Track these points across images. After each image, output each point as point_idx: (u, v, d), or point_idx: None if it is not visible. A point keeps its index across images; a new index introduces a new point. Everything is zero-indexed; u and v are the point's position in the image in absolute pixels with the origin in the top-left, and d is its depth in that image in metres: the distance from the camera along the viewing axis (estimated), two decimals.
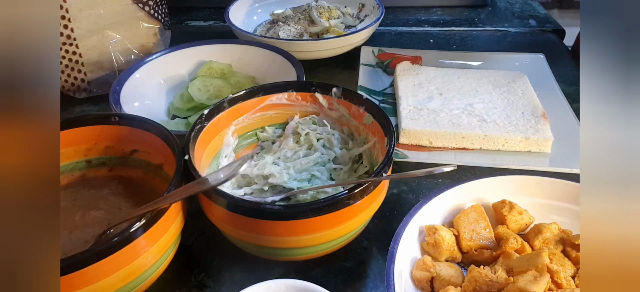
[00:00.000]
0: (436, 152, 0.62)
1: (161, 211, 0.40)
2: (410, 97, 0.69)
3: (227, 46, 0.77)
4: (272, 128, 0.58)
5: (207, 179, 0.41)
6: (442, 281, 0.44)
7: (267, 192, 0.52)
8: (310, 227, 0.41)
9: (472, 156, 0.62)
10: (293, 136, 0.56)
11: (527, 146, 0.62)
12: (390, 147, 0.46)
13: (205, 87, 0.69)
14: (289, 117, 0.58)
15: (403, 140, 0.64)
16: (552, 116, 0.66)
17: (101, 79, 0.76)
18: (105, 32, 0.74)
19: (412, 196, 0.57)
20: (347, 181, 0.52)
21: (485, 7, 1.09)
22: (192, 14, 1.09)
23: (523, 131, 0.62)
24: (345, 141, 0.56)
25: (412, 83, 0.72)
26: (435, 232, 0.46)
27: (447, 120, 0.64)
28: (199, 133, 0.49)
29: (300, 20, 0.89)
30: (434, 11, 1.08)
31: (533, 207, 0.50)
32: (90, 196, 0.51)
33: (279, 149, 0.56)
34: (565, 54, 0.89)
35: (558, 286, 0.41)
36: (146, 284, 0.42)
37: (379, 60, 0.84)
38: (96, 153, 0.52)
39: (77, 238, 0.46)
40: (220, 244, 0.50)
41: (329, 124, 0.57)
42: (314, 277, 0.47)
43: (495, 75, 0.74)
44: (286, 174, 0.52)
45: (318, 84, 0.56)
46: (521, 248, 0.45)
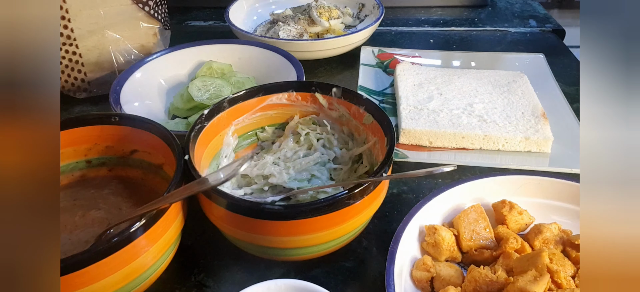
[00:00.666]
0: (436, 152, 0.62)
1: (161, 211, 0.40)
2: (410, 97, 0.69)
3: (227, 46, 0.77)
4: (272, 128, 0.58)
5: (207, 179, 0.41)
6: (442, 281, 0.44)
7: (267, 192, 0.52)
8: (310, 227, 0.41)
9: (472, 156, 0.62)
10: (293, 136, 0.56)
11: (527, 146, 0.62)
12: (390, 147, 0.46)
13: (205, 87, 0.69)
14: (289, 117, 0.58)
15: (403, 140, 0.64)
16: (552, 116, 0.66)
17: (101, 79, 0.76)
18: (105, 32, 0.74)
19: (412, 196, 0.57)
20: (347, 181, 0.52)
21: (485, 7, 1.09)
22: (192, 14, 1.09)
23: (523, 131, 0.62)
24: (345, 141, 0.56)
25: (412, 83, 0.72)
26: (435, 232, 0.46)
27: (447, 121, 0.64)
28: (199, 133, 0.49)
29: (300, 20, 0.89)
30: (434, 11, 1.08)
31: (533, 207, 0.50)
32: (90, 196, 0.51)
33: (279, 149, 0.56)
34: (565, 54, 0.89)
35: (558, 286, 0.41)
36: (146, 284, 0.42)
37: (379, 61, 0.84)
38: (96, 153, 0.52)
39: (77, 238, 0.46)
40: (220, 244, 0.50)
41: (329, 124, 0.57)
42: (314, 277, 0.47)
43: (495, 75, 0.74)
44: (286, 174, 0.52)
45: (318, 84, 0.56)
46: (521, 248, 0.45)
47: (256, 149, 0.58)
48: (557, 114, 0.67)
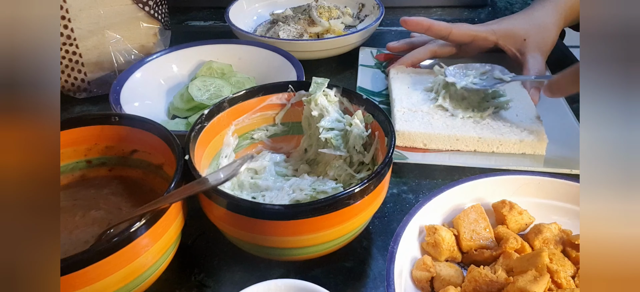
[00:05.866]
0: (430, 154, 0.62)
1: (161, 211, 0.40)
2: (404, 99, 0.68)
3: (227, 46, 0.77)
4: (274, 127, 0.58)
5: (207, 179, 0.41)
6: (442, 281, 0.44)
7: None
8: (310, 227, 0.41)
9: (466, 158, 0.61)
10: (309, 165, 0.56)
11: (522, 148, 0.61)
12: (390, 147, 0.46)
13: (205, 87, 0.69)
14: (290, 118, 0.58)
15: (397, 142, 0.63)
16: (550, 116, 0.66)
17: (101, 79, 0.76)
18: (105, 32, 0.74)
19: (412, 196, 0.57)
20: (347, 181, 0.52)
21: (485, 7, 1.09)
22: (192, 14, 1.09)
23: (517, 133, 0.62)
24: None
25: (406, 85, 0.72)
26: (435, 232, 0.46)
27: (441, 123, 0.64)
28: (199, 133, 0.49)
29: (300, 20, 0.89)
30: (434, 11, 1.08)
31: (533, 207, 0.50)
32: (90, 196, 0.51)
33: (295, 172, 0.55)
34: (565, 54, 0.89)
35: (558, 286, 0.41)
36: (146, 284, 0.42)
37: (377, 61, 0.84)
38: (96, 153, 0.52)
39: (77, 238, 0.46)
40: (220, 244, 0.50)
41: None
42: (314, 277, 0.47)
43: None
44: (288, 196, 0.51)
45: None
46: (521, 248, 0.45)
47: (257, 149, 0.58)
48: (555, 114, 0.67)
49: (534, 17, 0.77)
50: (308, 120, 0.56)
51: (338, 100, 0.55)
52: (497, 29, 0.77)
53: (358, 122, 0.52)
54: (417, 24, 0.75)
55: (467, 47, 0.78)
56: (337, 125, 0.53)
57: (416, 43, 0.81)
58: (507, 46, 0.76)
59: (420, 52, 0.79)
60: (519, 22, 0.77)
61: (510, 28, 0.77)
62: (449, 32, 0.75)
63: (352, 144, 0.52)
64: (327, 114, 0.54)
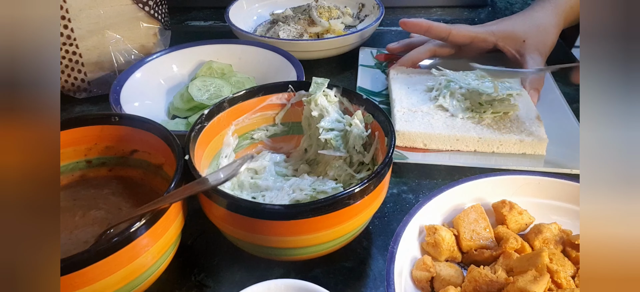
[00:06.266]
0: (431, 154, 0.62)
1: (161, 211, 0.40)
2: (404, 100, 0.68)
3: (227, 46, 0.77)
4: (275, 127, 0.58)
5: (207, 179, 0.41)
6: (442, 281, 0.44)
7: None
8: (310, 227, 0.41)
9: (466, 157, 0.61)
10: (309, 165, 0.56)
11: (522, 148, 0.61)
12: (390, 147, 0.46)
13: (205, 87, 0.69)
14: (290, 118, 0.58)
15: (397, 142, 0.63)
16: (550, 117, 0.66)
17: (101, 79, 0.76)
18: (105, 32, 0.74)
19: (412, 196, 0.57)
20: (347, 181, 0.52)
21: (485, 7, 1.09)
22: (192, 14, 1.09)
23: (517, 133, 0.62)
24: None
25: (406, 85, 0.72)
26: (435, 232, 0.46)
27: (441, 123, 0.64)
28: (199, 133, 0.49)
29: (300, 20, 0.89)
30: (433, 11, 1.08)
31: (533, 207, 0.50)
32: (90, 196, 0.51)
33: (295, 171, 0.55)
34: (565, 53, 0.89)
35: (558, 286, 0.41)
36: (146, 284, 0.42)
37: (377, 61, 0.84)
38: (96, 153, 0.52)
39: (77, 238, 0.46)
40: (220, 244, 0.50)
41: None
42: (314, 277, 0.47)
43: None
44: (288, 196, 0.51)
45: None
46: (521, 248, 0.45)
47: (258, 148, 0.58)
48: (555, 114, 0.67)
49: (533, 18, 0.77)
50: (308, 121, 0.56)
51: (338, 101, 0.55)
52: (496, 30, 0.77)
53: (358, 122, 0.52)
54: (417, 26, 0.75)
55: (466, 48, 0.79)
56: (337, 125, 0.53)
57: (415, 44, 0.81)
58: (506, 47, 0.76)
59: (419, 51, 0.79)
60: (518, 23, 0.77)
61: (509, 29, 0.77)
62: (448, 34, 0.75)
63: (352, 144, 0.52)
64: (327, 114, 0.54)
